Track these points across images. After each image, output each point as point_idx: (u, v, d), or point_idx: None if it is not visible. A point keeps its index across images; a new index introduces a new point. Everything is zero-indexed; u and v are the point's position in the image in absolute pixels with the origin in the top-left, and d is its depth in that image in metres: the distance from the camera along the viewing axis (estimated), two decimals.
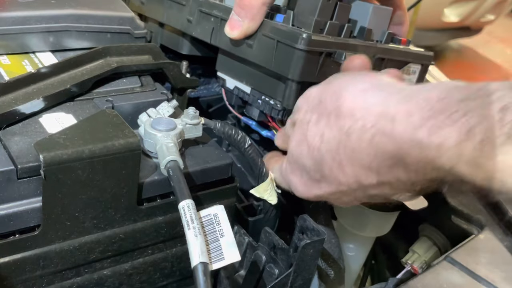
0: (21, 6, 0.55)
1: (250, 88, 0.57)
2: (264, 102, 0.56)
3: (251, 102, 0.58)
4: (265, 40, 0.52)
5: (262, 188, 0.53)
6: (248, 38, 0.54)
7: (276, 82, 0.54)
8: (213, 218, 0.43)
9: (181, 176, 0.44)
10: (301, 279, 0.48)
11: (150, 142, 0.47)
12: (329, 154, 0.43)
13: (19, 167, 0.40)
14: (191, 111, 0.50)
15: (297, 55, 0.50)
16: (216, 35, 0.57)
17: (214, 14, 0.57)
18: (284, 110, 0.55)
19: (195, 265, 0.39)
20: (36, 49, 0.56)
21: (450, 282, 0.53)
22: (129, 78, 0.55)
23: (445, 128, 0.35)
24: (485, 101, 0.34)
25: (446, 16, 3.04)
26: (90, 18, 0.58)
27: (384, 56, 0.58)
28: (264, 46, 0.52)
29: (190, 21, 0.61)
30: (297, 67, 0.50)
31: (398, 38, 0.62)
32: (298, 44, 0.49)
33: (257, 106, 0.58)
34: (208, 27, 0.58)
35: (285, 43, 0.50)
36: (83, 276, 0.45)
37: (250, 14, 0.52)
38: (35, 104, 0.47)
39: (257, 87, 0.57)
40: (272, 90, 0.55)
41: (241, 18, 0.53)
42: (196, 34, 0.61)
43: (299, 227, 0.48)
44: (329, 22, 0.52)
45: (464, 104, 0.35)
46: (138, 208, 0.45)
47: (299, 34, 0.49)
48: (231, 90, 0.60)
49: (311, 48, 0.50)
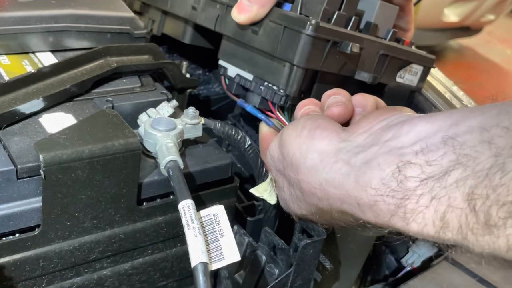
0: (21, 6, 0.55)
1: (253, 75, 0.57)
2: (267, 88, 0.56)
3: (253, 88, 0.58)
4: (272, 26, 0.52)
5: (262, 188, 0.53)
6: (254, 25, 0.54)
7: (280, 68, 0.54)
8: (213, 218, 0.43)
9: (181, 176, 0.43)
10: (301, 279, 0.48)
11: (150, 142, 0.47)
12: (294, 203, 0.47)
13: (19, 167, 0.40)
14: (191, 111, 0.50)
15: (304, 41, 0.50)
16: (221, 22, 0.57)
17: (220, 1, 0.57)
18: (287, 96, 0.55)
19: (195, 265, 0.39)
20: (36, 49, 0.56)
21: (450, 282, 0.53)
22: (129, 78, 0.55)
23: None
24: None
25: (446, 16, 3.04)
26: (90, 18, 0.58)
27: (388, 53, 0.58)
28: (271, 32, 0.52)
29: (195, 8, 0.61)
30: (303, 53, 0.50)
31: (402, 39, 0.62)
32: (306, 29, 0.49)
33: (259, 92, 0.57)
34: (213, 14, 0.58)
35: (293, 28, 0.50)
36: (83, 276, 0.45)
37: (261, 1, 0.52)
38: (35, 104, 0.47)
39: (260, 75, 0.56)
40: (276, 77, 0.54)
41: (251, 3, 0.52)
42: (200, 21, 0.60)
43: (299, 227, 0.48)
44: (337, 13, 0.53)
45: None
46: (138, 208, 0.45)
47: (308, 20, 0.49)
48: (232, 78, 0.60)
49: (319, 34, 0.50)
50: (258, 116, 0.59)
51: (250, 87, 0.58)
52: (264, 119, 0.58)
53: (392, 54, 0.58)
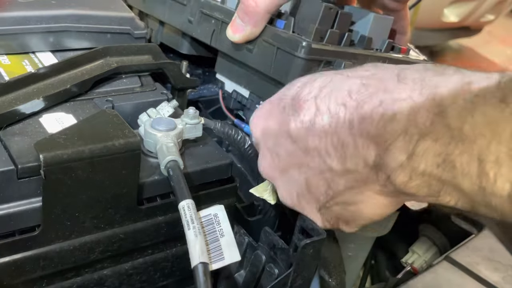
0: (21, 6, 0.55)
1: (249, 92, 0.57)
2: None
3: (249, 106, 0.58)
4: (265, 45, 0.52)
5: (262, 188, 0.53)
6: (249, 43, 0.54)
7: (274, 87, 0.54)
8: (213, 218, 0.43)
9: (181, 176, 0.44)
10: (301, 279, 0.48)
11: (150, 142, 0.47)
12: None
13: (19, 167, 0.40)
14: (191, 111, 0.50)
15: (296, 63, 0.50)
16: (217, 38, 0.57)
17: (215, 16, 0.57)
18: None
19: (195, 265, 0.39)
20: (36, 49, 0.56)
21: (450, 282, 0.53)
22: (129, 78, 0.55)
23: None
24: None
25: (446, 16, 3.04)
26: (90, 18, 0.58)
27: None
28: (264, 51, 0.52)
29: (191, 22, 0.61)
30: (295, 75, 0.50)
31: (398, 47, 0.62)
32: (298, 52, 0.49)
33: (255, 110, 0.58)
34: (208, 28, 0.58)
35: (285, 50, 0.50)
36: (83, 276, 0.45)
37: (254, 21, 0.52)
38: (35, 104, 0.47)
39: (256, 91, 0.57)
40: (271, 95, 0.55)
41: (244, 23, 0.53)
42: (196, 35, 0.61)
43: (299, 227, 0.48)
44: (329, 31, 0.52)
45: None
46: (138, 208, 0.45)
47: (299, 42, 0.49)
48: (229, 93, 0.60)
49: (311, 56, 0.50)
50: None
51: (247, 104, 0.58)
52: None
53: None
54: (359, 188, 0.40)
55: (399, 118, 0.35)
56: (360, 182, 0.40)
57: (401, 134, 0.35)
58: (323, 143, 0.40)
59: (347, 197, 0.42)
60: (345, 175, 0.40)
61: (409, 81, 0.36)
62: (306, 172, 0.43)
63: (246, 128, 0.60)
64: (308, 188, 0.43)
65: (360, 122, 0.37)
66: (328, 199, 0.43)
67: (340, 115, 0.39)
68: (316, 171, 0.42)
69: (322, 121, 0.40)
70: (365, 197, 0.41)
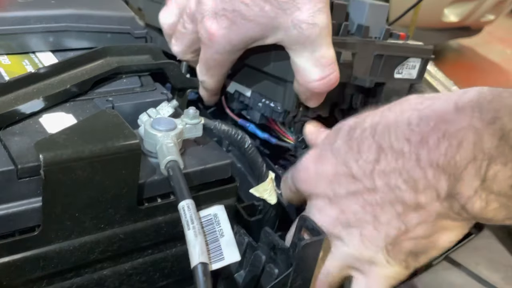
0: (21, 6, 0.55)
1: (251, 91, 0.57)
2: (265, 105, 0.56)
3: (251, 105, 0.58)
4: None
5: (262, 188, 0.53)
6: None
7: (275, 85, 0.54)
8: (213, 218, 0.43)
9: (181, 176, 0.44)
10: (301, 279, 0.48)
11: (150, 142, 0.47)
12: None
13: (19, 167, 0.40)
14: (191, 111, 0.50)
15: None
16: None
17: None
18: (285, 112, 0.55)
19: (195, 265, 0.39)
20: (36, 49, 0.56)
21: (450, 282, 0.53)
22: (129, 78, 0.55)
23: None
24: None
25: (446, 16, 3.04)
26: (90, 18, 0.58)
27: (382, 53, 0.58)
28: (263, 49, 0.52)
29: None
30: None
31: (397, 33, 0.61)
32: None
33: (258, 109, 0.58)
34: None
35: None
36: (83, 276, 0.45)
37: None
38: (35, 104, 0.47)
39: (257, 90, 0.57)
40: (272, 93, 0.55)
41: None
42: None
43: (299, 227, 0.48)
44: None
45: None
46: (138, 208, 0.45)
47: None
48: (231, 93, 0.60)
49: None
50: (260, 136, 0.59)
51: (249, 103, 0.58)
52: (266, 137, 0.58)
53: (387, 53, 0.58)
54: (432, 222, 0.41)
55: (466, 147, 0.36)
56: (433, 215, 0.40)
57: (471, 161, 0.36)
58: (393, 179, 0.40)
59: (420, 232, 0.42)
60: (418, 210, 0.40)
61: (467, 108, 0.37)
62: (375, 209, 0.42)
63: (250, 128, 0.60)
64: (375, 226, 0.43)
65: (428, 155, 0.38)
66: (399, 233, 0.42)
67: (405, 150, 0.39)
68: (386, 206, 0.42)
69: (388, 158, 0.40)
70: (439, 228, 0.41)
